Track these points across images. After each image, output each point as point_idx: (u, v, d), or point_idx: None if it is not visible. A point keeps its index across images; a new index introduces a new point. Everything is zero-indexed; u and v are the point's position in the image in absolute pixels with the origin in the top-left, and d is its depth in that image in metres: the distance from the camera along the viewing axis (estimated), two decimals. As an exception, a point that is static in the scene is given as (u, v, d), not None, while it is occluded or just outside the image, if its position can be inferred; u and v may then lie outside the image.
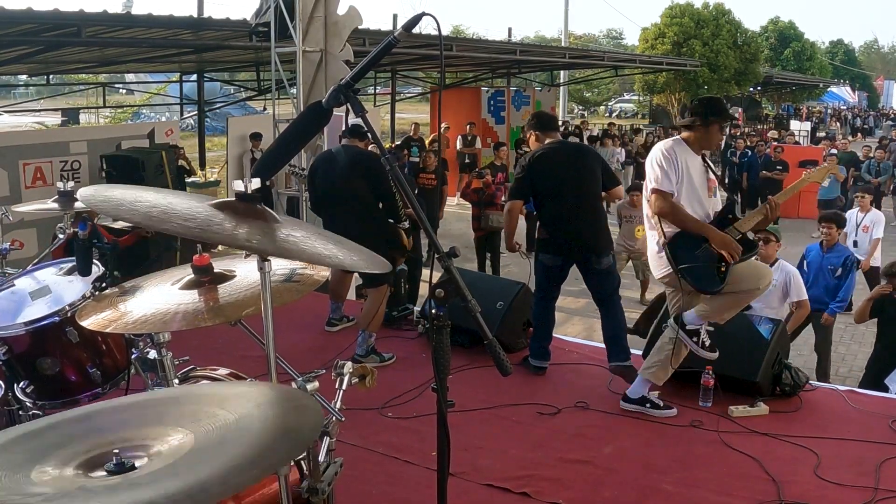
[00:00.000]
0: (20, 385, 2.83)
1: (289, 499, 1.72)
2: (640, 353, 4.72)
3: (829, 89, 47.46)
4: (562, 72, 24.10)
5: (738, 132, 20.20)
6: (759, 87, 34.22)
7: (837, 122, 37.00)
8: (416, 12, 1.85)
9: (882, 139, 21.18)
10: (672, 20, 25.87)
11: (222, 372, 2.49)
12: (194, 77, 14.68)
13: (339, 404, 2.05)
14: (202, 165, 14.42)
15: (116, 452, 1.22)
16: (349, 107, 1.81)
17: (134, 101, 24.03)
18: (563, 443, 3.88)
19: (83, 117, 23.21)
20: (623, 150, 17.00)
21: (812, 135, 28.11)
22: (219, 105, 17.95)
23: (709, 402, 4.21)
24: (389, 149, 11.85)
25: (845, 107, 46.88)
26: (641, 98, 37.52)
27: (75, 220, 3.86)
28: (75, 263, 2.96)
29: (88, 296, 2.76)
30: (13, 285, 3.03)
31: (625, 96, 43.89)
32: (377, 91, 22.40)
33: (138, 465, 1.24)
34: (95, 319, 1.98)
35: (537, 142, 4.77)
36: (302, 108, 6.82)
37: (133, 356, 2.45)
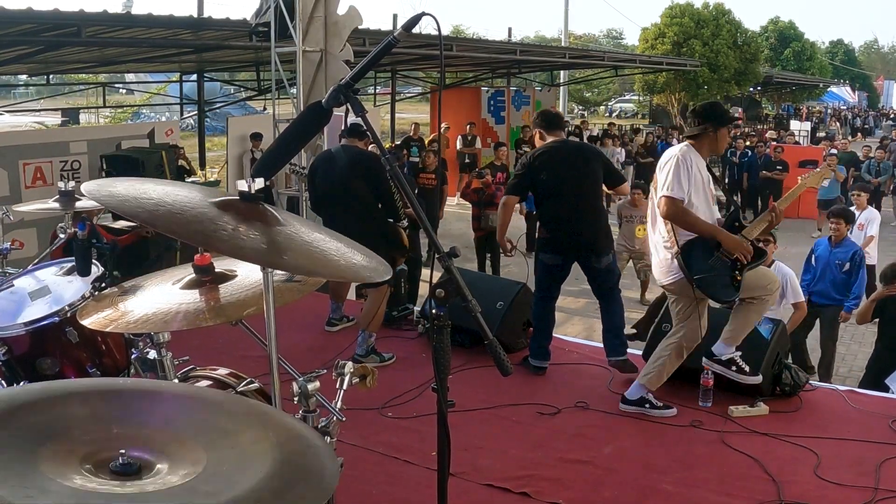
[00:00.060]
0: (20, 385, 2.83)
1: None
2: (639, 353, 4.73)
3: (829, 89, 47.44)
4: (562, 72, 24.10)
5: (739, 132, 20.19)
6: (759, 87, 34.23)
7: (837, 122, 36.98)
8: (416, 12, 1.85)
9: (883, 139, 21.20)
10: (672, 20, 25.86)
11: (222, 372, 2.49)
12: (194, 77, 14.68)
13: (339, 404, 2.05)
14: (202, 165, 14.41)
15: (123, 453, 1.21)
16: (349, 107, 1.81)
17: (134, 101, 24.03)
18: (563, 443, 3.88)
19: (83, 117, 23.20)
20: (623, 150, 17.00)
21: (812, 135, 28.11)
22: (219, 105, 17.95)
23: (709, 402, 4.21)
24: (389, 149, 11.85)
25: (845, 107, 46.86)
26: (641, 98, 37.52)
27: (75, 219, 3.86)
28: (75, 263, 2.96)
29: (88, 296, 2.76)
30: (13, 285, 3.03)
31: (625, 96, 43.87)
32: (377, 91, 22.40)
33: (144, 471, 1.21)
34: (96, 319, 1.98)
35: (541, 140, 4.76)
36: (302, 108, 6.81)
37: (133, 356, 2.46)
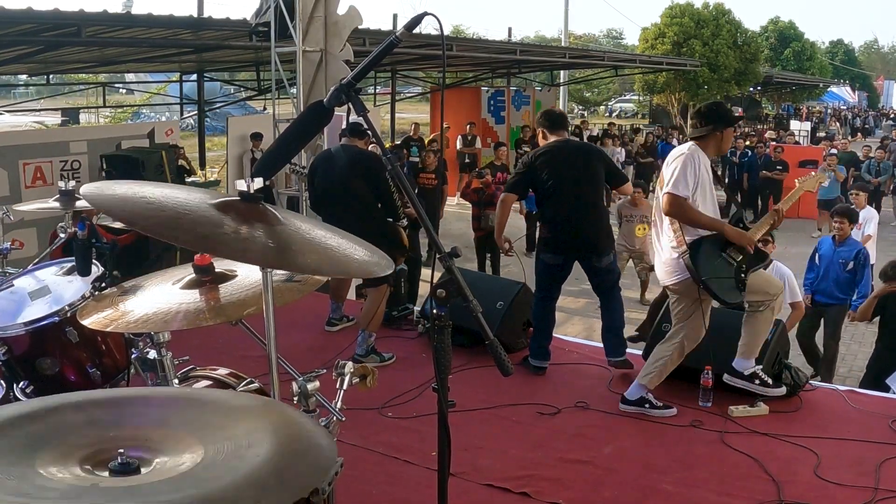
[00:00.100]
0: (20, 385, 2.83)
1: (289, 498, 1.72)
2: (639, 353, 4.73)
3: (829, 89, 47.42)
4: (562, 72, 24.08)
5: (739, 132, 20.18)
6: (759, 87, 34.18)
7: (837, 122, 36.98)
8: (417, 12, 1.85)
9: (884, 139, 21.19)
10: (672, 20, 25.81)
11: (222, 372, 2.49)
12: (194, 77, 14.68)
13: (339, 404, 2.05)
14: (202, 165, 14.41)
15: (122, 452, 1.20)
16: (351, 106, 1.81)
17: (134, 101, 24.02)
18: (563, 443, 3.88)
19: (83, 117, 23.20)
20: (623, 150, 17.01)
21: (812, 135, 28.11)
22: (219, 105, 17.95)
23: (709, 402, 4.21)
24: (390, 148, 11.84)
25: (845, 107, 46.85)
26: (641, 98, 37.48)
27: (75, 219, 3.86)
28: (74, 263, 2.96)
29: (88, 296, 2.76)
30: (13, 285, 3.03)
31: (625, 96, 43.86)
32: (377, 91, 22.40)
33: (144, 468, 1.21)
34: (97, 318, 1.98)
35: (544, 139, 4.77)
36: (302, 108, 6.82)
37: (133, 356, 2.46)
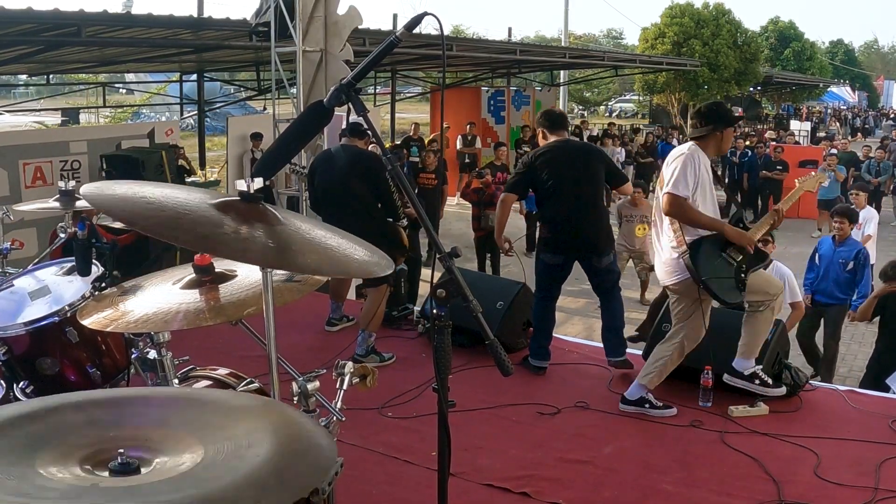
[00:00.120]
0: (20, 385, 2.83)
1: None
2: (639, 353, 4.73)
3: (829, 89, 47.40)
4: (562, 72, 24.07)
5: (739, 132, 20.17)
6: (759, 87, 34.18)
7: (837, 122, 36.98)
8: (417, 12, 1.85)
9: (884, 139, 21.18)
10: (672, 20, 25.80)
11: (222, 372, 2.49)
12: (194, 77, 14.68)
13: (339, 404, 2.05)
14: (202, 165, 14.41)
15: (122, 452, 1.20)
16: (351, 106, 1.81)
17: (134, 101, 24.02)
18: (563, 443, 3.87)
19: (83, 117, 23.20)
20: (623, 150, 17.01)
21: (812, 135, 28.11)
22: (219, 105, 17.95)
23: (709, 402, 4.21)
24: (390, 148, 11.83)
25: (845, 107, 46.84)
26: (641, 98, 37.47)
27: (75, 219, 3.86)
28: (75, 263, 2.96)
29: (88, 296, 2.76)
30: (13, 285, 3.03)
31: (625, 96, 43.86)
32: (377, 91, 22.40)
33: (144, 468, 1.20)
34: (97, 319, 1.98)
35: (544, 139, 4.77)
36: (302, 108, 6.82)
37: (133, 356, 2.46)
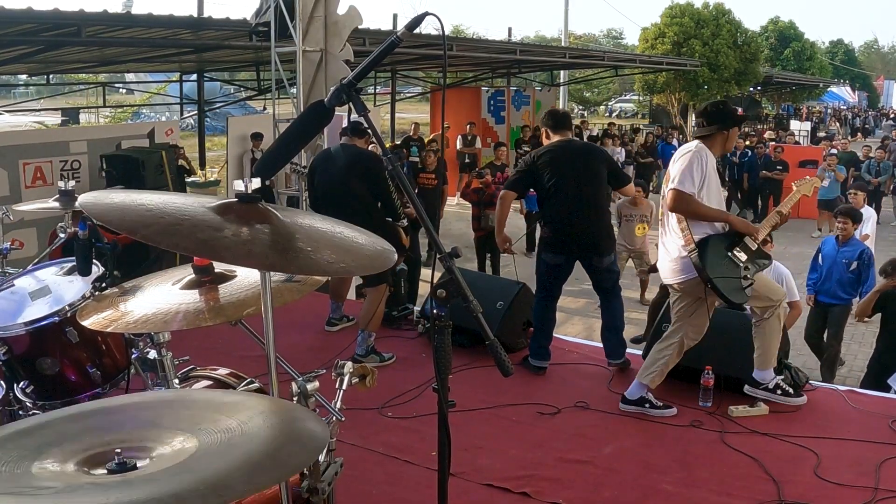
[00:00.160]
0: (20, 385, 2.83)
1: (289, 498, 1.72)
2: (639, 353, 4.73)
3: (829, 89, 47.39)
4: (562, 72, 24.07)
5: (739, 132, 20.14)
6: (759, 87, 34.17)
7: (837, 122, 36.97)
8: (417, 12, 1.84)
9: (885, 139, 21.18)
10: (672, 20, 25.79)
11: (222, 372, 2.49)
12: (194, 77, 14.68)
13: (339, 404, 2.05)
14: (202, 165, 14.42)
15: (118, 452, 1.21)
16: (351, 106, 1.81)
17: (134, 101, 24.02)
18: (563, 443, 3.88)
19: (83, 117, 23.20)
20: (623, 150, 17.00)
21: (812, 135, 28.11)
22: (219, 105, 17.95)
23: (709, 402, 4.21)
24: (391, 148, 11.83)
25: (845, 107, 46.83)
26: (641, 98, 37.45)
27: (75, 219, 3.86)
28: (75, 263, 2.96)
29: (88, 296, 2.75)
30: (13, 285, 3.03)
31: (625, 96, 43.85)
32: (377, 91, 22.40)
33: (140, 465, 1.22)
34: (96, 319, 1.98)
35: (547, 139, 4.79)
36: (302, 108, 6.82)
37: (133, 356, 2.46)
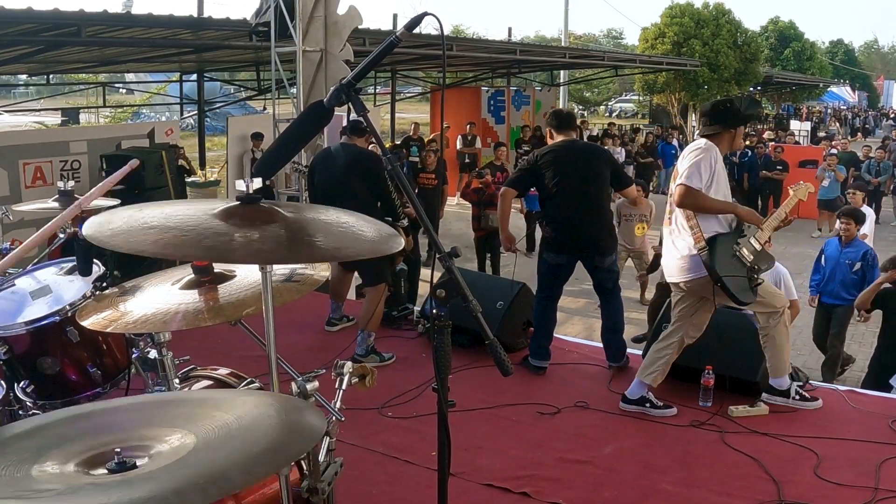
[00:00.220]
0: (20, 385, 2.82)
1: (289, 498, 1.72)
2: (639, 353, 4.73)
3: (829, 89, 47.38)
4: (562, 72, 24.07)
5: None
6: (759, 87, 34.15)
7: (837, 122, 36.96)
8: (417, 12, 1.85)
9: (885, 139, 21.17)
10: (672, 20, 25.78)
11: (222, 372, 2.48)
12: (194, 77, 14.68)
13: (339, 404, 2.05)
14: (202, 165, 14.41)
15: (118, 451, 1.21)
16: (351, 106, 1.81)
17: (134, 101, 24.02)
18: (563, 443, 3.88)
19: (83, 117, 23.20)
20: (623, 150, 16.99)
21: (812, 135, 28.11)
22: (219, 105, 17.95)
23: (709, 402, 4.21)
24: (390, 148, 11.83)
25: (845, 107, 46.82)
26: (641, 98, 37.44)
27: (74, 219, 3.86)
28: (75, 263, 2.96)
29: (89, 295, 2.75)
30: (13, 285, 3.03)
31: (625, 96, 43.85)
32: (377, 91, 22.39)
33: (140, 463, 1.22)
34: (96, 319, 1.98)
35: (551, 139, 4.81)
36: (302, 108, 6.82)
37: (133, 356, 2.46)
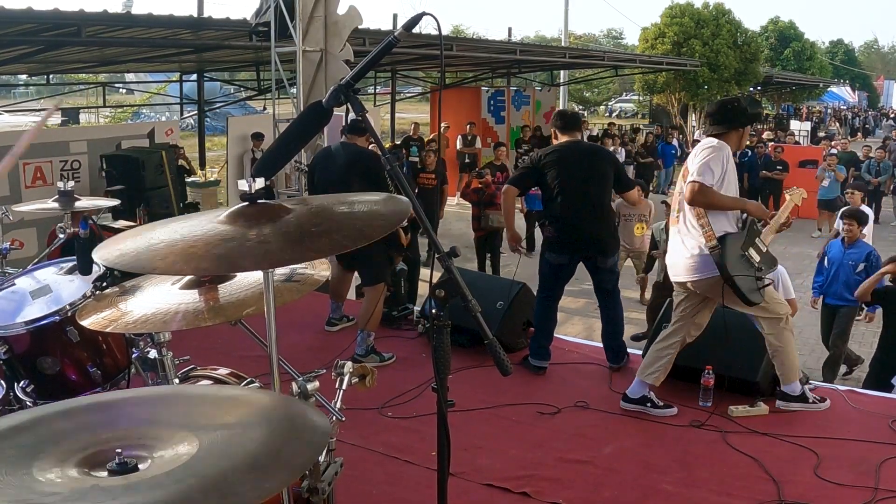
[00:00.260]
0: (20, 384, 2.83)
1: (290, 498, 1.72)
2: (640, 353, 4.73)
3: (829, 89, 47.37)
4: (562, 72, 24.06)
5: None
6: (760, 87, 34.14)
7: (837, 122, 36.96)
8: (416, 12, 1.85)
9: (886, 139, 21.17)
10: (672, 20, 25.77)
11: (222, 372, 2.49)
12: (194, 77, 14.68)
13: (339, 404, 2.06)
14: (202, 165, 14.41)
15: (119, 452, 1.20)
16: (349, 106, 1.81)
17: (134, 101, 24.02)
18: (563, 443, 3.88)
19: (83, 117, 23.20)
20: (623, 150, 16.99)
21: (812, 135, 28.11)
22: (219, 105, 17.95)
23: (709, 402, 4.21)
24: (389, 148, 11.84)
25: (845, 107, 46.81)
26: (641, 98, 37.45)
27: (74, 219, 3.86)
28: (75, 263, 2.97)
29: (89, 295, 2.76)
30: (13, 285, 3.03)
31: (625, 96, 43.85)
32: (377, 91, 22.39)
33: (142, 466, 1.20)
34: (96, 319, 1.98)
35: (556, 139, 4.83)
36: (302, 108, 6.81)
37: (133, 356, 2.46)
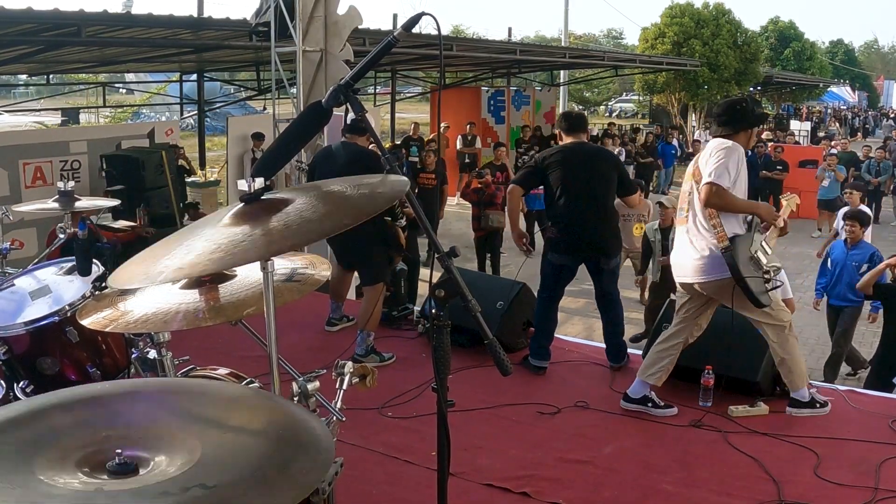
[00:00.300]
0: (20, 385, 2.82)
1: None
2: (640, 353, 4.73)
3: (829, 89, 47.35)
4: (562, 72, 24.06)
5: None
6: (760, 87, 34.15)
7: (837, 122, 36.96)
8: (416, 12, 1.85)
9: (886, 139, 21.17)
10: (672, 20, 25.78)
11: (222, 372, 2.49)
12: (194, 77, 14.68)
13: (339, 404, 2.05)
14: (202, 165, 14.41)
15: (119, 452, 1.20)
16: (349, 106, 1.81)
17: (134, 101, 24.02)
18: (563, 443, 3.88)
19: (83, 117, 23.20)
20: (623, 150, 16.99)
21: (812, 135, 28.12)
22: (219, 105, 17.95)
23: (709, 402, 4.21)
24: (389, 148, 11.83)
25: (845, 107, 46.80)
26: (641, 98, 37.45)
27: (74, 219, 3.86)
28: (75, 263, 2.96)
29: (88, 295, 2.75)
30: (13, 285, 3.03)
31: (625, 96, 43.85)
32: (377, 91, 22.39)
33: (142, 467, 1.20)
34: (96, 319, 1.98)
35: (560, 140, 4.84)
36: (302, 108, 6.81)
37: (133, 356, 2.46)
